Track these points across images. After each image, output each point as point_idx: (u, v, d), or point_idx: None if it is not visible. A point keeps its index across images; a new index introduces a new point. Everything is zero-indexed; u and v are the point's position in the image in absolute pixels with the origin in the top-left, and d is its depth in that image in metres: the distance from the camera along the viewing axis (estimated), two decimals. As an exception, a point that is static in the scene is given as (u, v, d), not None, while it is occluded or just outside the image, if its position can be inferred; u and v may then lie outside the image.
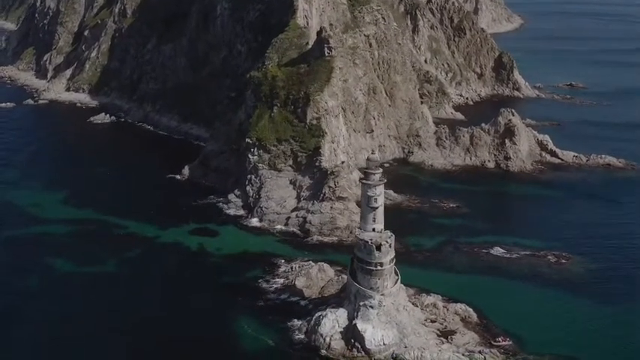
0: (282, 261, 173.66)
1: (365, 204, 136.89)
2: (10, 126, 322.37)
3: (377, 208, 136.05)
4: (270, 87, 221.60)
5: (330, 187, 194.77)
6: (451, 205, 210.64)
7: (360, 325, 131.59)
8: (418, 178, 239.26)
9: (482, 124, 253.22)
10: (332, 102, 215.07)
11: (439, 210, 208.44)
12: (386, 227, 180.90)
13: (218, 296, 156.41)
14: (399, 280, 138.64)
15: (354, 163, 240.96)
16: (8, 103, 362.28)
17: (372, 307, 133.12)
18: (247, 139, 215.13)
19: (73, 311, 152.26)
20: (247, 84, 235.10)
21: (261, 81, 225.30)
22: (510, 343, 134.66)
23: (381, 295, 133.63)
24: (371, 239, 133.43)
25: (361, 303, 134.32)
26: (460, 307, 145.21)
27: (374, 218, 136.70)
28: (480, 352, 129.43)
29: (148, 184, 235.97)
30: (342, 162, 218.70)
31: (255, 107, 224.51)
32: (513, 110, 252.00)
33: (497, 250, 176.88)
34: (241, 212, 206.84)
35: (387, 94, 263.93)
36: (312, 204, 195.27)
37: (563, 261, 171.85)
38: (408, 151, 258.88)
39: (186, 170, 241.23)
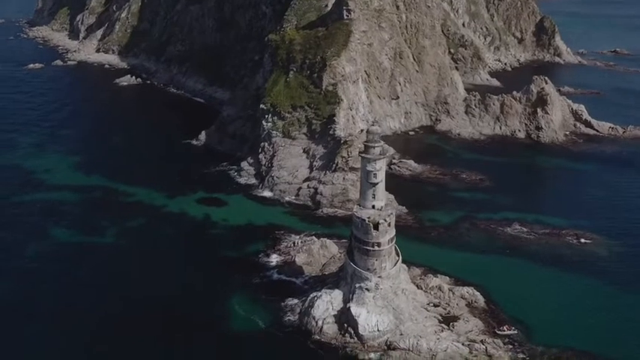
0: (287, 235, 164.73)
1: (364, 179, 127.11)
2: (35, 88, 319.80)
3: (377, 184, 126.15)
4: (287, 51, 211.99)
5: (342, 157, 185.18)
6: (474, 178, 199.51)
7: (354, 308, 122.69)
8: (443, 147, 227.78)
9: (514, 92, 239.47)
10: (350, 67, 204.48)
11: (460, 182, 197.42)
12: (402, 200, 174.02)
13: (215, 271, 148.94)
14: (400, 261, 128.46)
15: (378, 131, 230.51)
16: (37, 64, 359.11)
17: (367, 289, 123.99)
18: (262, 105, 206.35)
19: (64, 281, 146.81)
20: (266, 47, 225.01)
21: (279, 44, 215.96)
22: (516, 332, 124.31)
23: (379, 277, 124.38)
24: (368, 217, 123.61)
25: (357, 285, 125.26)
26: (467, 290, 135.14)
27: (374, 194, 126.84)
28: (481, 341, 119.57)
29: (163, 149, 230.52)
30: (362, 130, 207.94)
31: (271, 72, 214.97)
32: (547, 78, 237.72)
33: (517, 228, 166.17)
34: (253, 181, 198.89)
35: (414, 59, 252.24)
36: (324, 174, 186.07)
37: (587, 241, 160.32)
38: (436, 119, 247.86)
39: (202, 135, 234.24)
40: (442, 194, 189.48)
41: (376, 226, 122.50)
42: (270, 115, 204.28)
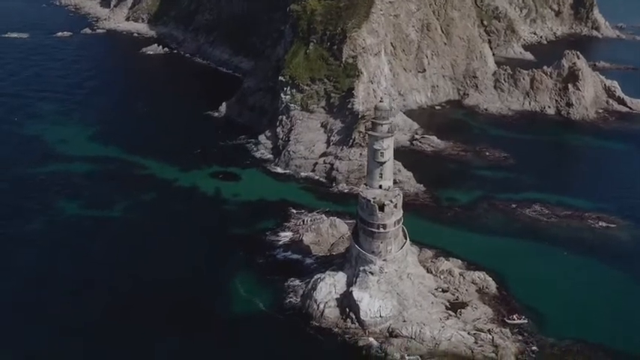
0: (298, 212, 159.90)
1: (371, 158, 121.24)
2: (61, 56, 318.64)
3: (384, 163, 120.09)
4: (308, 22, 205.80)
5: (360, 132, 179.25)
6: (498, 155, 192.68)
7: (356, 293, 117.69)
8: (469, 123, 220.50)
9: (545, 67, 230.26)
10: (371, 39, 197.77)
11: (483, 160, 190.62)
12: (420, 177, 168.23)
13: (221, 248, 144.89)
14: (407, 244, 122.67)
15: (403, 105, 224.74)
16: (65, 32, 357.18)
17: (371, 273, 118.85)
18: (280, 77, 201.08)
19: (69, 255, 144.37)
20: (288, 18, 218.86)
21: (300, 15, 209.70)
22: (526, 321, 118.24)
23: (383, 260, 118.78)
24: (374, 198, 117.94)
25: (361, 268, 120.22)
26: (478, 275, 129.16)
27: (381, 174, 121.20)
28: (489, 331, 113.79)
29: (183, 120, 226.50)
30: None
31: (292, 43, 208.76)
32: (578, 52, 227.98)
33: (537, 209, 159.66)
34: (269, 156, 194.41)
35: (442, 31, 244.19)
36: (341, 150, 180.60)
37: (610, 225, 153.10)
38: (463, 93, 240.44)
39: (223, 107, 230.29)
40: (463, 172, 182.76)
41: (382, 208, 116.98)
42: (288, 88, 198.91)
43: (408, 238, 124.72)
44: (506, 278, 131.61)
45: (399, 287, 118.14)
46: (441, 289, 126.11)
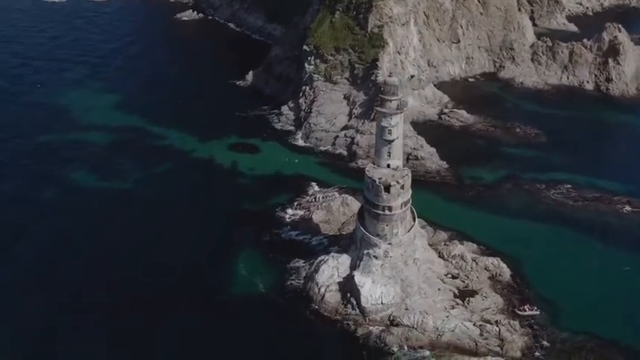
0: (312, 188, 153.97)
1: (379, 135, 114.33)
2: (96, 21, 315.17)
3: (392, 141, 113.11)
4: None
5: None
6: (529, 132, 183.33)
7: (358, 277, 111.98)
8: (503, 96, 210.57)
9: (585, 40, 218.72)
10: (398, 8, 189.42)
11: (513, 137, 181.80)
12: (444, 154, 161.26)
13: (228, 224, 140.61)
14: (415, 227, 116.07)
15: (435, 76, 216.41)
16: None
17: (375, 257, 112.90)
18: (305, 46, 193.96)
19: (74, 226, 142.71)
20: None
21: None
22: (538, 313, 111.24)
23: (388, 244, 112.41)
24: (380, 178, 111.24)
25: (365, 251, 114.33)
26: (492, 261, 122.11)
27: (389, 153, 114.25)
28: (496, 322, 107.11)
29: (208, 89, 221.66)
30: (412, 76, 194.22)
31: (318, 11, 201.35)
32: (620, 25, 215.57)
33: (564, 191, 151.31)
34: (290, 127, 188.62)
35: (478, 0, 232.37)
36: (363, 123, 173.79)
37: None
38: (499, 65, 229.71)
39: (249, 76, 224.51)
40: (490, 149, 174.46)
41: (387, 189, 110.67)
42: (312, 58, 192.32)
43: (416, 220, 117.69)
44: (522, 265, 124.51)
45: (403, 273, 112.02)
46: (450, 275, 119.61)
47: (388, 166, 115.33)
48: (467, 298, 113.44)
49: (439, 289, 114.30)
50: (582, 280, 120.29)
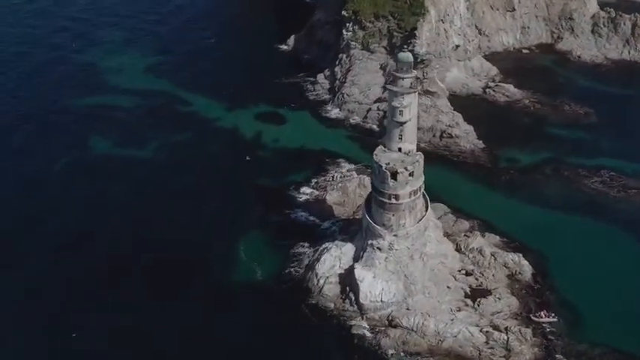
0: (336, 165, 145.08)
1: (390, 116, 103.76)
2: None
3: (404, 122, 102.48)
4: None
5: (417, 78, 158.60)
6: (579, 111, 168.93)
7: (358, 270, 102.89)
8: (556, 70, 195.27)
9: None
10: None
11: (560, 115, 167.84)
12: (482, 132, 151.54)
13: (238, 202, 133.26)
14: (427, 217, 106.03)
15: (487, 47, 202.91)
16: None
17: (379, 249, 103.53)
18: (343, 12, 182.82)
19: (82, 194, 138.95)
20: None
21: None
22: (555, 320, 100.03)
23: (394, 235, 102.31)
24: (387, 163, 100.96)
25: (369, 242, 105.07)
26: (512, 258, 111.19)
27: (400, 135, 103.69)
28: (506, 329, 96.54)
29: (248, 53, 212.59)
30: (456, 46, 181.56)
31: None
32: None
33: (607, 180, 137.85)
34: (324, 97, 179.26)
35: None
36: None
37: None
38: (557, 37, 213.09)
39: (291, 40, 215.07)
40: (533, 128, 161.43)
41: (394, 175, 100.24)
42: (350, 24, 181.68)
43: (429, 210, 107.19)
44: (547, 263, 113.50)
45: (408, 269, 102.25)
46: (464, 272, 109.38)
47: (399, 150, 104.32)
48: (478, 299, 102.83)
49: (448, 287, 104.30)
50: (614, 284, 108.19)
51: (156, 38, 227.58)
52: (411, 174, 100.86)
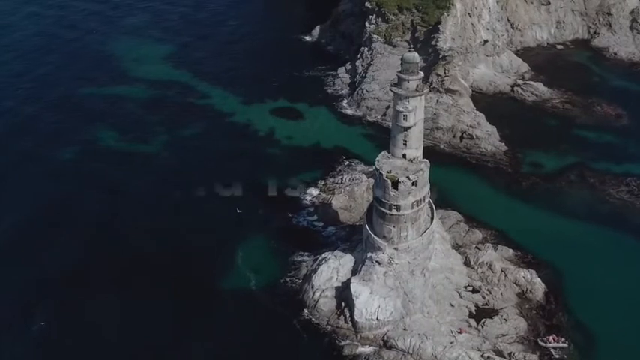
0: (349, 166, 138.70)
1: (394, 120, 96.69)
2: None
3: (409, 128, 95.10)
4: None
5: (438, 74, 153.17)
6: (610, 112, 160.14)
7: (354, 285, 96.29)
8: (590, 68, 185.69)
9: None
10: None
11: (591, 117, 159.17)
12: (507, 134, 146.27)
13: (243, 202, 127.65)
14: (432, 229, 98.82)
15: (519, 41, 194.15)
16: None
17: (378, 262, 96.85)
18: (367, 3, 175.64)
19: (84, 187, 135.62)
20: None
21: None
22: (565, 345, 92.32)
23: (394, 248, 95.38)
24: (389, 171, 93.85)
25: (368, 254, 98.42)
26: (524, 274, 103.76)
27: (405, 141, 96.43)
28: (510, 354, 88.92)
29: (270, 44, 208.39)
30: (485, 41, 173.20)
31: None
32: None
33: (634, 189, 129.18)
34: (343, 91, 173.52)
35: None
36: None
37: None
38: (594, 32, 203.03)
39: (316, 31, 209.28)
40: (560, 130, 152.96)
41: (395, 185, 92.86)
42: (374, 16, 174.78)
43: (434, 221, 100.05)
44: (562, 281, 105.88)
45: (407, 285, 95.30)
46: (471, 288, 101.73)
47: (404, 156, 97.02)
48: (483, 319, 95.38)
49: (452, 305, 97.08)
50: (636, 308, 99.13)
51: (178, 26, 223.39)
52: (414, 183, 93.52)
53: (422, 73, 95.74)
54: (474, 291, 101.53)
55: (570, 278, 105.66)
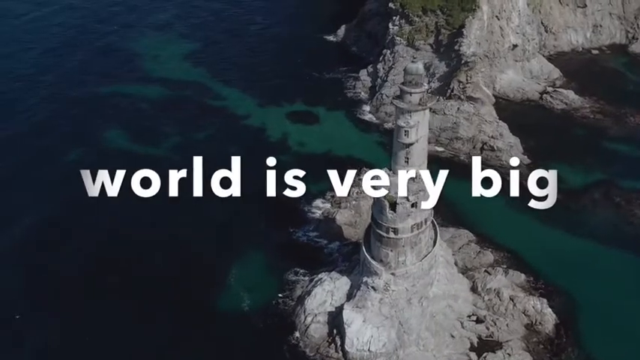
0: (358, 177, 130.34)
1: (395, 135, 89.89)
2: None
3: (411, 144, 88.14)
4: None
5: (460, 81, 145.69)
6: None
7: (347, 312, 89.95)
8: (626, 75, 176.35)
9: None
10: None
11: (623, 128, 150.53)
12: (531, 145, 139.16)
13: (241, 214, 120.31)
14: (433, 254, 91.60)
15: (553, 45, 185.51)
16: None
17: (374, 288, 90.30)
18: (390, 4, 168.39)
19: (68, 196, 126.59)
20: None
21: None
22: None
23: (391, 274, 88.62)
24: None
25: (364, 279, 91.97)
26: (534, 304, 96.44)
27: (406, 158, 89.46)
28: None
29: (293, 44, 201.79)
30: (514, 46, 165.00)
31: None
32: None
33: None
34: (363, 96, 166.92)
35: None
36: (437, 100, 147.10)
37: None
38: (632, 37, 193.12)
39: (341, 31, 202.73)
40: (589, 142, 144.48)
41: (393, 206, 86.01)
42: (397, 18, 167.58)
43: (437, 244, 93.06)
44: (576, 311, 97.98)
45: (403, 314, 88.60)
46: (475, 318, 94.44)
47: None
48: (485, 354, 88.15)
49: (452, 336, 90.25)
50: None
51: (199, 21, 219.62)
52: (414, 205, 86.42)
53: (426, 86, 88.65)
54: (478, 321, 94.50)
55: (585, 309, 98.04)
